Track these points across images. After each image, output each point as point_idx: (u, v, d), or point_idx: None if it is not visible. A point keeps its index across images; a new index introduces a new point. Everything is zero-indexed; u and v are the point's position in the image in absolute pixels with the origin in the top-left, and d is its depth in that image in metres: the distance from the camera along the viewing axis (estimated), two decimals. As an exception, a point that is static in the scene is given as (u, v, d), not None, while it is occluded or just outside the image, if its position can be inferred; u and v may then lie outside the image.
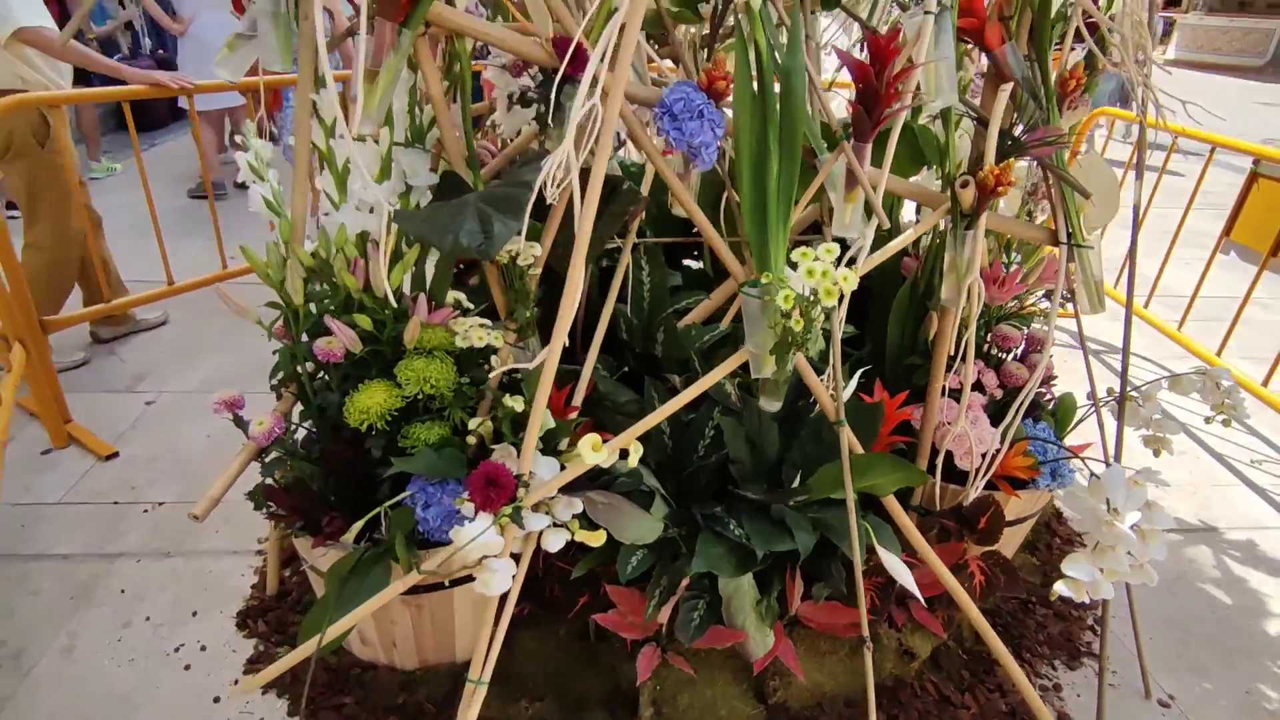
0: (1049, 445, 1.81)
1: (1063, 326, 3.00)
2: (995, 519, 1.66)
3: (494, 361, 1.49)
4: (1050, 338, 1.66)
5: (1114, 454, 1.68)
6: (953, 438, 1.67)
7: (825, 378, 1.49)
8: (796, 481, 1.57)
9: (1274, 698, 1.79)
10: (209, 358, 3.04)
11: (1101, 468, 1.59)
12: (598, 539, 1.29)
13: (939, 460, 1.70)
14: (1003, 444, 1.68)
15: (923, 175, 1.91)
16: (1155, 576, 1.36)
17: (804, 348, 1.23)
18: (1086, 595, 1.36)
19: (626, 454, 1.30)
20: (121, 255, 3.05)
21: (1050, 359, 1.76)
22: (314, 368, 1.49)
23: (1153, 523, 1.37)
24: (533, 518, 1.25)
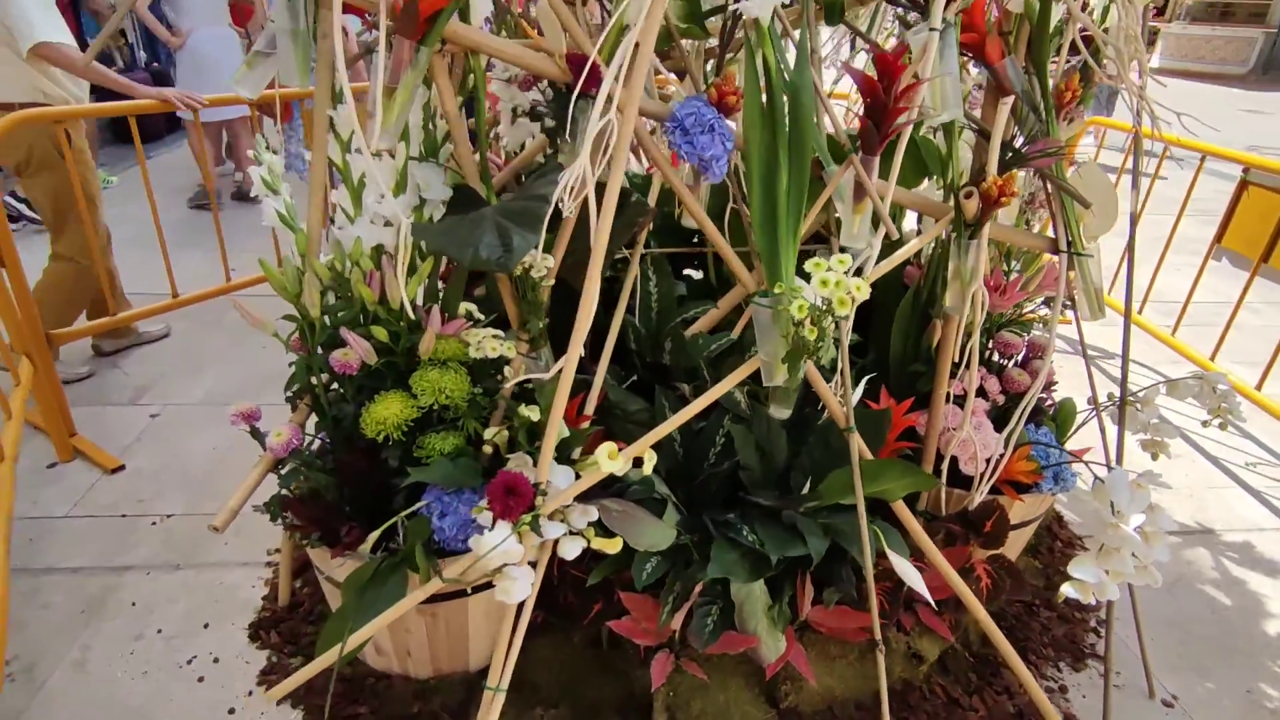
0: (1051, 450, 1.84)
1: (1060, 333, 3.04)
2: (1000, 523, 1.68)
3: (507, 372, 1.51)
4: (1051, 344, 1.70)
5: (1115, 458, 1.71)
6: (957, 443, 1.70)
7: (834, 385, 1.52)
8: (806, 488, 1.59)
9: (1275, 696, 1.82)
10: (212, 370, 3.05)
11: (1103, 471, 1.63)
12: (614, 546, 1.30)
13: (944, 465, 1.73)
14: (1006, 449, 1.71)
15: (924, 186, 1.95)
16: (1159, 577, 1.38)
17: (815, 355, 1.26)
18: (1093, 597, 1.39)
19: (640, 462, 1.32)
20: (123, 268, 3.05)
21: (1051, 364, 1.79)
22: (329, 379, 1.50)
23: (1156, 524, 1.40)
24: (550, 526, 1.27)
